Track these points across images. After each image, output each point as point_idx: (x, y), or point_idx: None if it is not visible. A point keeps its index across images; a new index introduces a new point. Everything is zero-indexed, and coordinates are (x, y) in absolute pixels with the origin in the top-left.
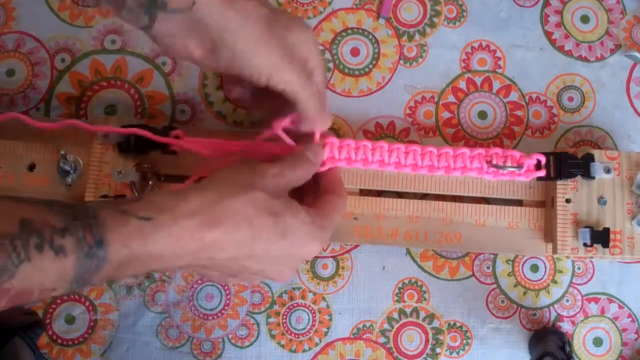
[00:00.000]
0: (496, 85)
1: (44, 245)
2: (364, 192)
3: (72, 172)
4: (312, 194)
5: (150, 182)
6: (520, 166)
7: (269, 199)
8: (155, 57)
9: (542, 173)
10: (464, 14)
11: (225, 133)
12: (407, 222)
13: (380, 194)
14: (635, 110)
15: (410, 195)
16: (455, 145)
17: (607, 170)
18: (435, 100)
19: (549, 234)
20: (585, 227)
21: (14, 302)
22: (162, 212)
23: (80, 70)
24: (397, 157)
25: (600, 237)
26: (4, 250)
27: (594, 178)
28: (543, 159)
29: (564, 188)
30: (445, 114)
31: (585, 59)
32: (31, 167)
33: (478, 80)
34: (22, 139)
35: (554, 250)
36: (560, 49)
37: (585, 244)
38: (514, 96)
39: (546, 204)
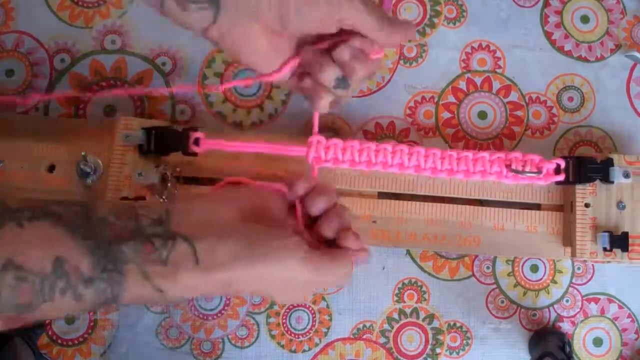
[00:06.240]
0: (496, 85)
1: (67, 290)
2: (382, 195)
3: (92, 173)
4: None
5: (169, 184)
6: (539, 171)
7: None
8: (155, 57)
9: (561, 177)
10: (464, 14)
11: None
12: (426, 226)
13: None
14: (635, 110)
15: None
16: (455, 145)
17: (626, 175)
18: (435, 100)
19: (567, 237)
20: (604, 231)
21: (21, 323)
22: (176, 287)
23: (80, 70)
24: (416, 160)
25: (620, 241)
26: (31, 290)
27: (612, 182)
28: (562, 163)
29: (583, 192)
30: (445, 114)
31: (585, 59)
32: (51, 168)
33: (478, 80)
34: (41, 140)
35: (573, 254)
36: (560, 49)
37: (604, 249)
38: (513, 96)
39: (564, 208)
